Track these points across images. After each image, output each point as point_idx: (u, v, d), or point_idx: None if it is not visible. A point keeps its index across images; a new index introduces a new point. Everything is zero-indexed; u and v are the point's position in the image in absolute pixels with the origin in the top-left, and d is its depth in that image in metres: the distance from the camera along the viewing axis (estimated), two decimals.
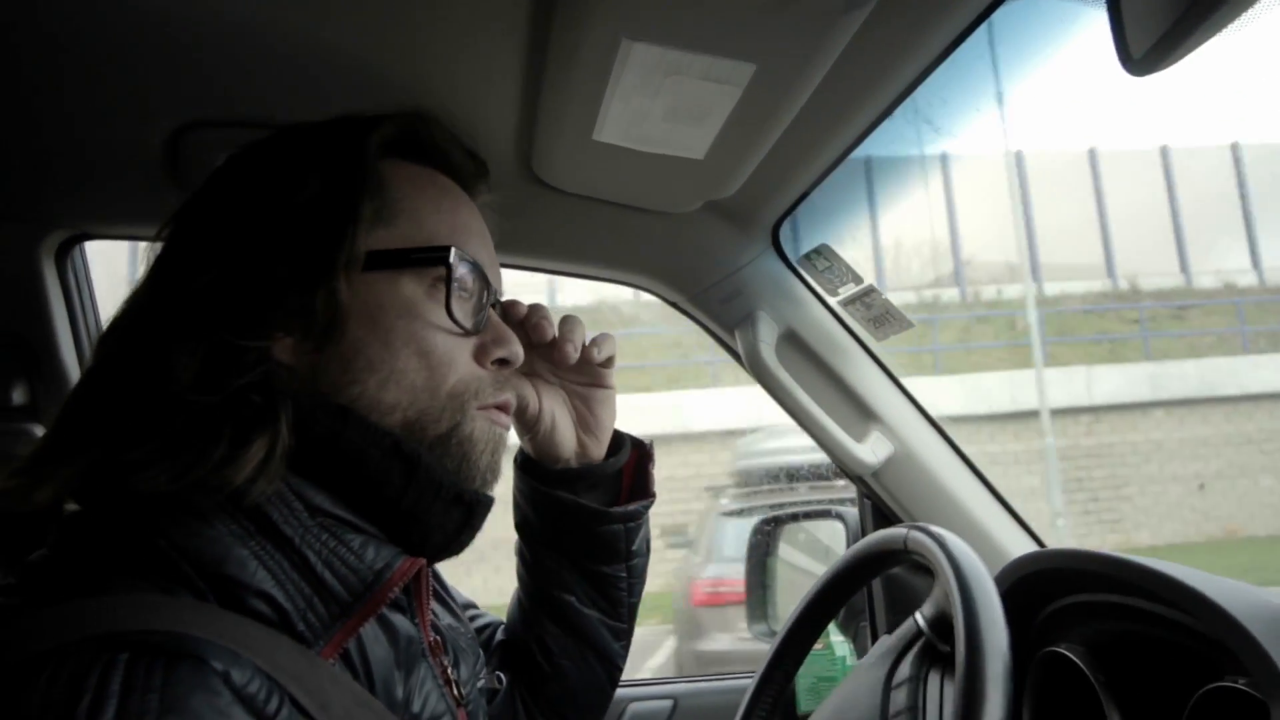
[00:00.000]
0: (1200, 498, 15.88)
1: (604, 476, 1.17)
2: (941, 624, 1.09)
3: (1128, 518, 14.94)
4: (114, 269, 1.67)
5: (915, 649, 1.13)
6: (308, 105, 0.98)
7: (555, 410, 1.14)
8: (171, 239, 0.89)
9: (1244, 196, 19.00)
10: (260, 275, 0.82)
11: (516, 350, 0.95)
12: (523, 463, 1.18)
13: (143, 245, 0.94)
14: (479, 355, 0.92)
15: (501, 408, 0.95)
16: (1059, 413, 15.00)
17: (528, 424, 1.13)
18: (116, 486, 0.75)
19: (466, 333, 0.91)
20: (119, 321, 0.86)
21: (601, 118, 1.13)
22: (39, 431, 1.52)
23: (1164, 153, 19.32)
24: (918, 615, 1.13)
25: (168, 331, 0.80)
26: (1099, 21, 0.75)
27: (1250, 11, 0.66)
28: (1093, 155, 19.04)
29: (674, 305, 1.69)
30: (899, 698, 1.09)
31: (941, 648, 1.10)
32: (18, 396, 1.57)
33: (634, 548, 1.18)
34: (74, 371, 1.60)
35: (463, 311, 0.90)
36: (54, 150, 1.34)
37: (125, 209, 1.48)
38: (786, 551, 2.05)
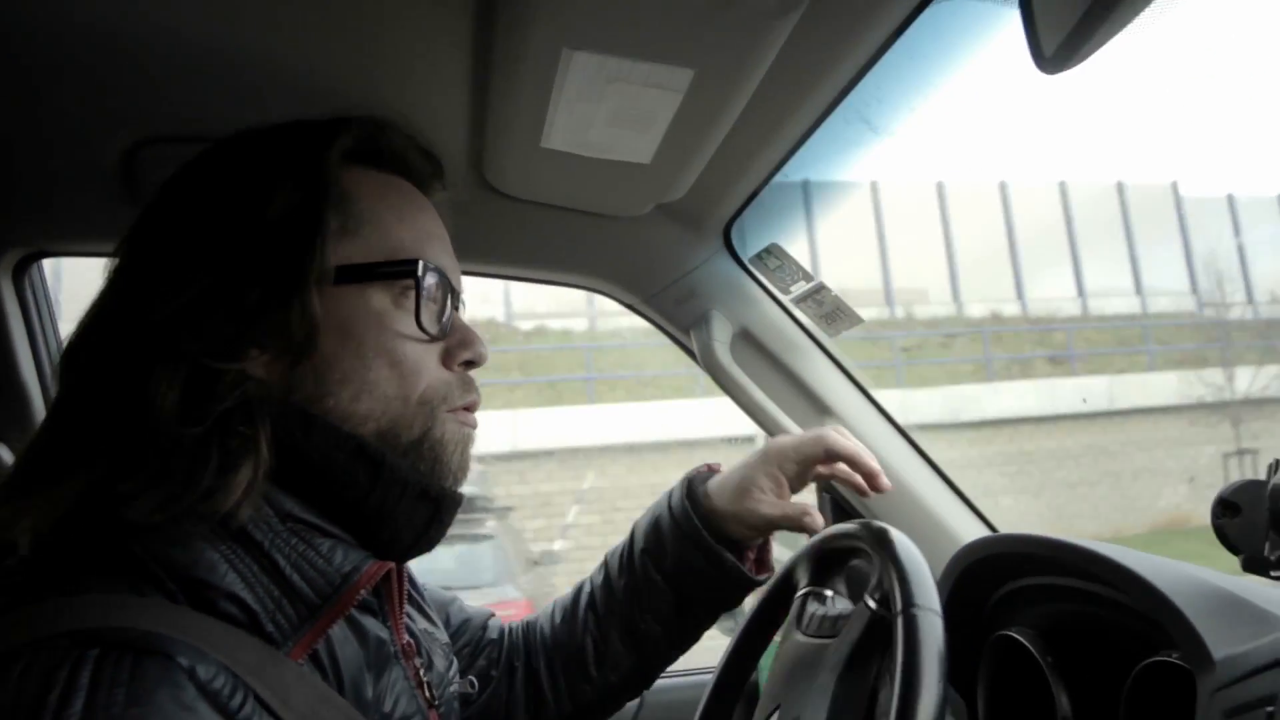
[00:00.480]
0: None
1: (745, 546, 1.23)
2: (819, 567, 1.13)
3: None
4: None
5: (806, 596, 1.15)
6: (261, 118, 0.98)
7: None
8: (134, 255, 0.89)
9: (1010, 230, 19.80)
10: (233, 295, 0.82)
11: (482, 351, 0.96)
12: (697, 505, 1.21)
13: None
14: (446, 359, 0.94)
15: (469, 408, 0.96)
16: None
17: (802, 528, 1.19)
18: (105, 517, 0.75)
19: (433, 339, 0.92)
20: (86, 342, 0.86)
21: (548, 125, 1.15)
22: (1, 449, 1.51)
23: (940, 188, 19.98)
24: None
25: (144, 356, 0.80)
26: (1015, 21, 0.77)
27: (1152, 9, 0.69)
28: (875, 186, 19.62)
29: (629, 307, 1.71)
30: (806, 613, 1.11)
31: (823, 592, 1.12)
32: None
33: None
34: (34, 390, 1.59)
35: (430, 318, 0.91)
36: (9, 168, 1.33)
37: (82, 226, 1.48)
38: None
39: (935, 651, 0.81)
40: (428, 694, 0.96)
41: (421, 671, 0.96)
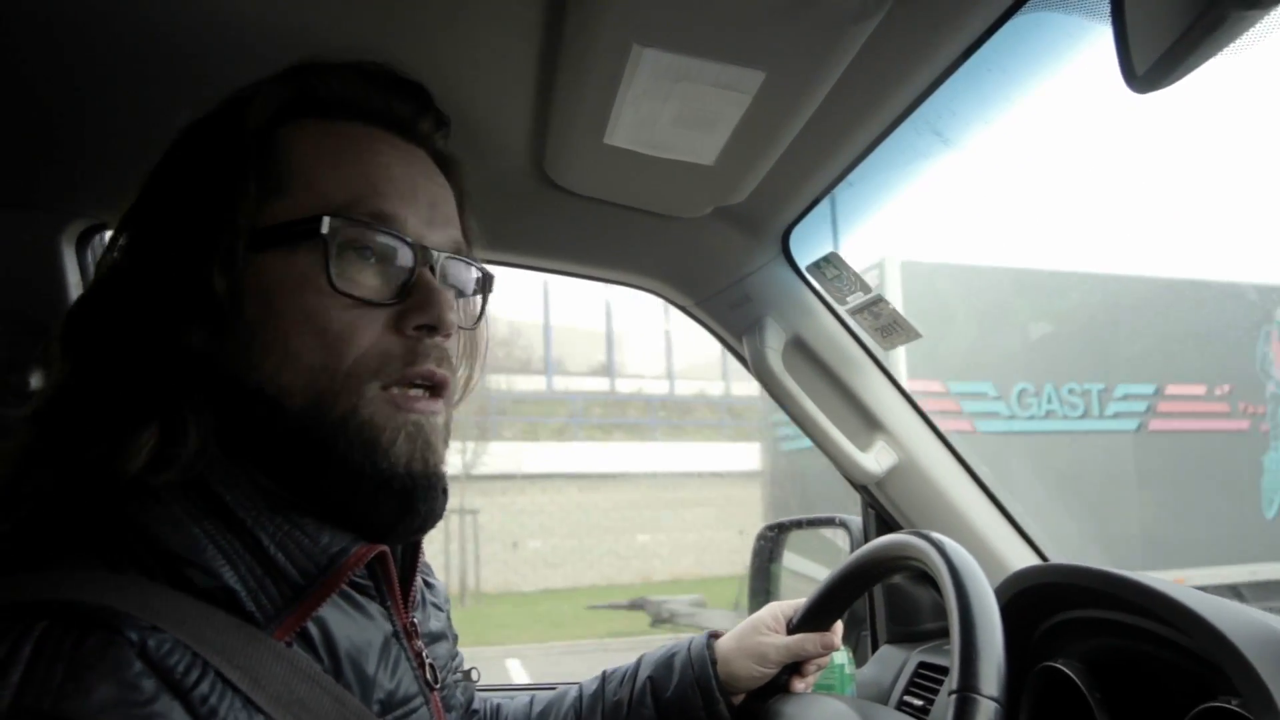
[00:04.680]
0: None
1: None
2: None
3: None
4: None
5: None
6: None
7: None
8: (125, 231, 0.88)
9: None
10: (163, 265, 0.81)
11: (440, 315, 0.84)
12: (712, 653, 1.29)
13: None
14: (399, 323, 0.84)
15: (408, 381, 0.84)
16: None
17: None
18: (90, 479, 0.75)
19: (371, 302, 0.83)
20: (90, 317, 0.85)
21: (613, 121, 1.13)
22: None
23: None
24: None
25: (111, 327, 0.81)
26: (1104, 37, 0.75)
27: (1250, 34, 0.67)
28: None
29: (682, 309, 1.70)
30: None
31: None
32: (35, 381, 1.58)
33: None
34: None
35: (367, 276, 0.83)
36: (78, 140, 1.35)
37: None
38: (787, 558, 2.05)
39: None
40: (429, 676, 0.93)
41: (425, 654, 0.93)
